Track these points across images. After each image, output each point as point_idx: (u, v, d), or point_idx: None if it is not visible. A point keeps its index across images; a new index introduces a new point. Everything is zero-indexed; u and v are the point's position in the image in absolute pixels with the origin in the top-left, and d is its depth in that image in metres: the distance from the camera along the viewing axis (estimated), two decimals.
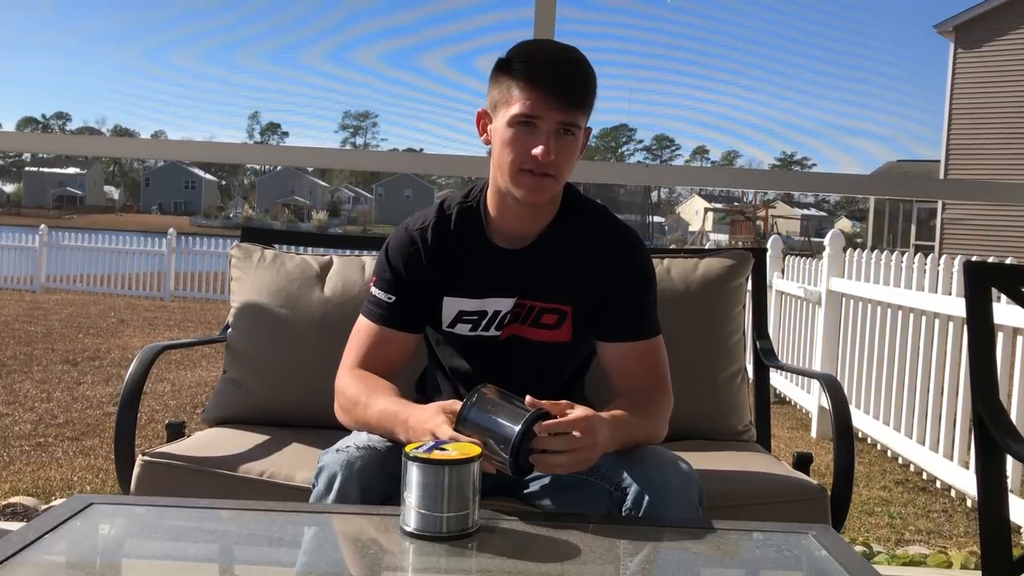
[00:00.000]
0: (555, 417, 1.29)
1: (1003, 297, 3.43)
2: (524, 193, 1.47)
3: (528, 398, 1.29)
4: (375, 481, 1.35)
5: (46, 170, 66.58)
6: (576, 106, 1.44)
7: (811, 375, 5.13)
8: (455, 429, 1.27)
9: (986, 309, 1.79)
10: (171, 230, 13.12)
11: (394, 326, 1.56)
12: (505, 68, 1.47)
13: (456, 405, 1.32)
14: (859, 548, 3.11)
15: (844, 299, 5.33)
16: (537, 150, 1.42)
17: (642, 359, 1.56)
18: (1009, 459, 1.73)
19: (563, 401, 1.33)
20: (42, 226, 13.42)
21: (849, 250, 5.35)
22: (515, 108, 1.43)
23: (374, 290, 1.58)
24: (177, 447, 1.80)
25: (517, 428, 1.24)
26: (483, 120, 1.53)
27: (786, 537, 1.31)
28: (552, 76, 1.43)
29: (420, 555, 1.19)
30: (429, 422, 1.33)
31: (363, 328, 1.58)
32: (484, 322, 1.57)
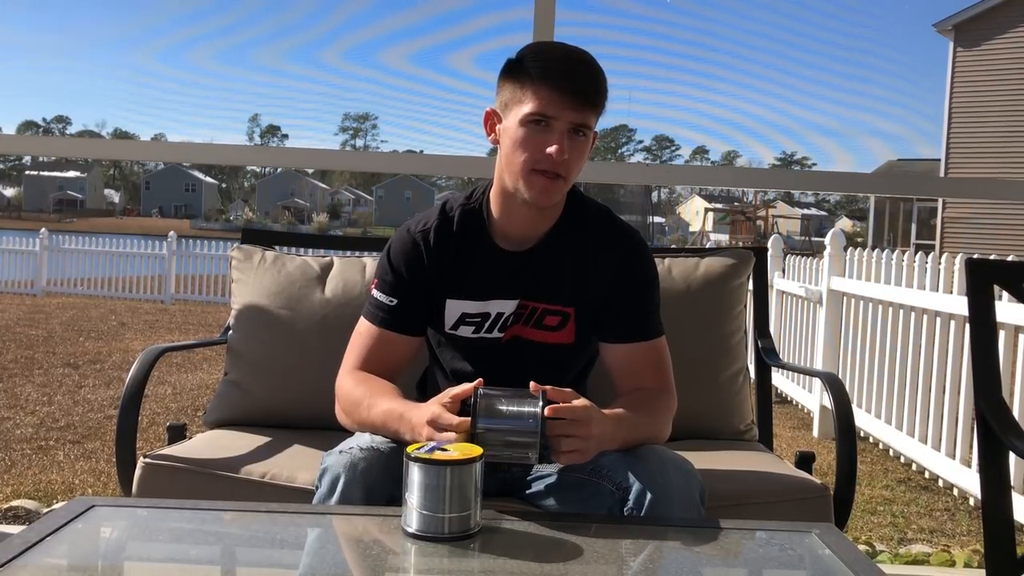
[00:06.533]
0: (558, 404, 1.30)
1: (1004, 295, 3.44)
2: (534, 194, 1.46)
3: (532, 384, 1.29)
4: (378, 482, 1.35)
5: (46, 174, 66.61)
6: (589, 106, 1.44)
7: (813, 374, 5.12)
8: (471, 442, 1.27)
9: (988, 307, 1.79)
10: (171, 233, 13.11)
11: (396, 329, 1.56)
12: (517, 67, 1.47)
13: (449, 396, 1.33)
14: (862, 547, 3.10)
15: (845, 298, 5.32)
16: (551, 149, 1.42)
17: (645, 360, 1.56)
18: (1012, 457, 1.72)
19: (568, 390, 1.33)
20: (43, 230, 13.42)
21: (850, 249, 5.35)
22: (528, 107, 1.43)
23: (376, 293, 1.58)
24: (178, 449, 1.80)
25: (537, 424, 1.25)
26: (491, 120, 1.52)
27: (789, 536, 1.31)
28: (566, 75, 1.43)
29: (422, 556, 1.18)
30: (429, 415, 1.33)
31: (364, 331, 1.58)
32: (487, 324, 1.56)
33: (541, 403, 1.27)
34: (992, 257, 3.36)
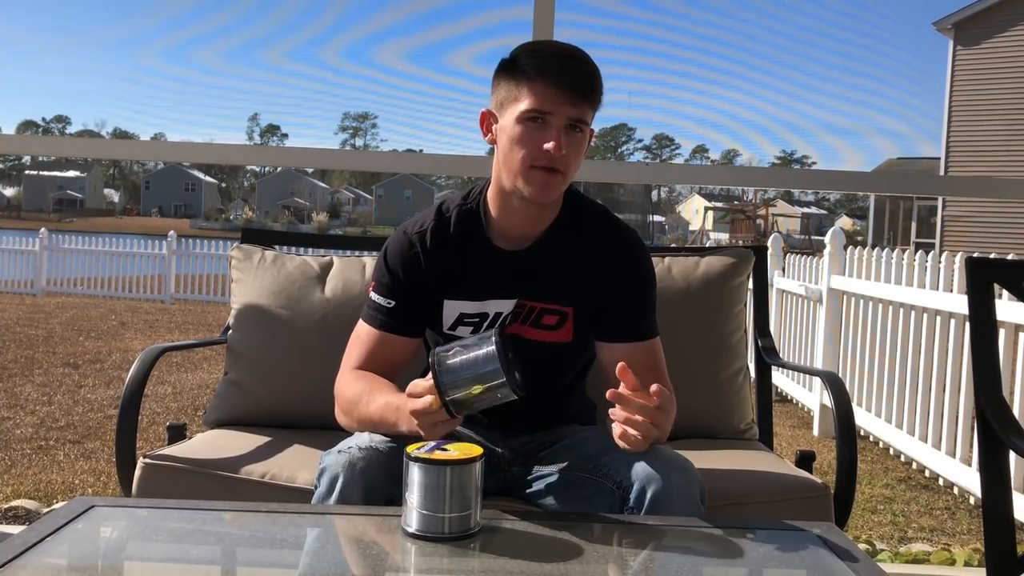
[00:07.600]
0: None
1: (1004, 294, 3.44)
2: (533, 191, 1.46)
3: (610, 392, 1.29)
4: (377, 482, 1.35)
5: (46, 173, 66.55)
6: (585, 101, 1.44)
7: (813, 373, 5.12)
8: (447, 408, 1.25)
9: (988, 305, 1.79)
10: (171, 233, 13.12)
11: (394, 331, 1.56)
12: (512, 66, 1.47)
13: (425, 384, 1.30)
14: (862, 546, 3.10)
15: (845, 297, 5.32)
16: (549, 145, 1.42)
17: (643, 360, 1.55)
18: (1012, 455, 1.72)
19: (655, 386, 1.31)
20: (42, 229, 13.43)
21: (850, 248, 5.35)
22: (525, 104, 1.43)
23: (373, 295, 1.58)
24: (178, 449, 1.80)
25: (494, 361, 1.23)
26: (488, 120, 1.53)
27: (790, 535, 1.31)
28: (562, 71, 1.43)
29: (422, 556, 1.18)
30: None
31: (363, 333, 1.58)
32: (485, 324, 1.56)
33: (494, 337, 1.25)
34: (992, 255, 3.36)
